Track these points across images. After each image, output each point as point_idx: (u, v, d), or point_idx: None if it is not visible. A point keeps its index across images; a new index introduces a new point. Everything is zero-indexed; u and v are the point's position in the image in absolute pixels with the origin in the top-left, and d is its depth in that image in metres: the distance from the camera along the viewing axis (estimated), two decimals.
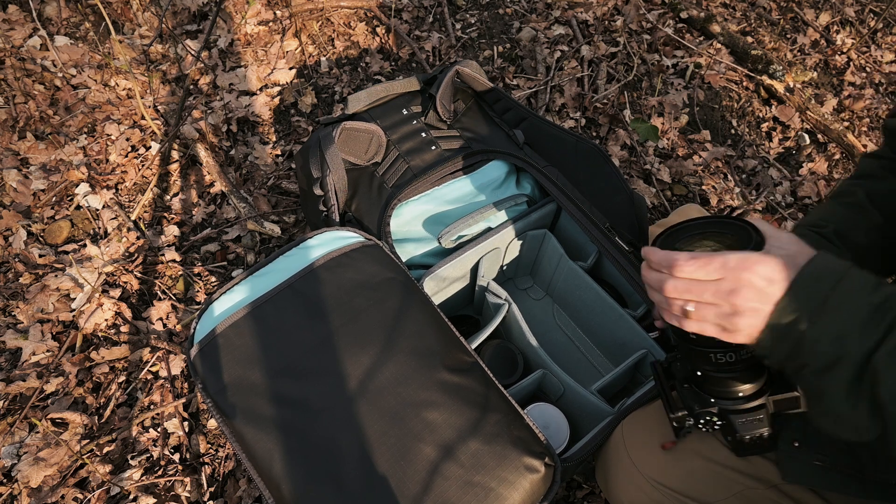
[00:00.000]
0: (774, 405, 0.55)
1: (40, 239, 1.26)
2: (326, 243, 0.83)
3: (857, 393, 0.43)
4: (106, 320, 1.15)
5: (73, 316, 1.15)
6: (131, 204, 1.33)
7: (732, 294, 0.46)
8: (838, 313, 0.43)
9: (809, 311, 0.44)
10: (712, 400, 0.56)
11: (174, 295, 1.21)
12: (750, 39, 1.73)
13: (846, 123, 1.58)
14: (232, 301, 0.78)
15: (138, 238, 1.26)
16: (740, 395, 0.54)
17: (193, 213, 1.32)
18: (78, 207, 1.31)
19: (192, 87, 1.51)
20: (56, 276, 1.19)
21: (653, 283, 0.52)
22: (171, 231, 1.29)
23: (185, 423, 1.06)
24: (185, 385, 1.11)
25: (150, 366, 1.12)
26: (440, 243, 0.95)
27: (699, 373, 0.56)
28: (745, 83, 1.65)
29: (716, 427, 0.56)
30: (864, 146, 1.50)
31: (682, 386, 0.58)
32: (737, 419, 0.55)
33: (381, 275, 0.80)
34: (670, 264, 0.49)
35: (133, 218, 1.30)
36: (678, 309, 0.50)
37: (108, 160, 1.38)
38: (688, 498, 0.62)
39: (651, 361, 0.66)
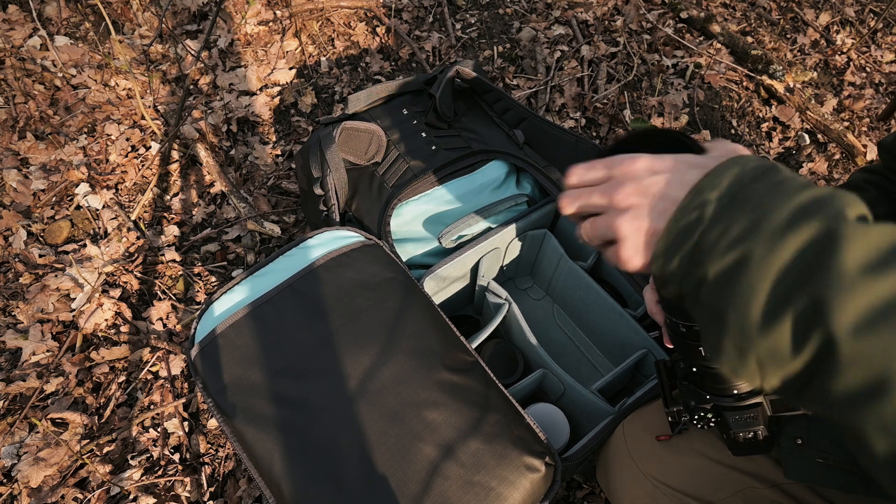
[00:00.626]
0: (771, 407, 0.56)
1: (40, 239, 1.26)
2: (326, 243, 0.83)
3: (772, 305, 0.32)
4: (106, 320, 1.15)
5: (73, 316, 1.15)
6: (131, 204, 1.33)
7: (613, 191, 0.39)
8: (751, 207, 0.33)
9: (717, 204, 0.34)
10: (708, 396, 0.56)
11: (174, 295, 1.21)
12: (750, 39, 1.74)
13: (846, 123, 1.58)
14: (232, 301, 0.78)
15: (138, 238, 1.26)
16: (735, 392, 0.55)
17: (193, 213, 1.32)
18: (78, 207, 1.31)
19: (192, 87, 1.51)
20: (56, 276, 1.19)
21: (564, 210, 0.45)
22: (171, 231, 1.29)
23: (185, 423, 1.06)
24: (185, 385, 1.11)
25: (150, 366, 1.12)
26: (440, 243, 0.95)
27: (695, 369, 0.56)
28: (745, 83, 1.65)
29: (711, 424, 0.57)
30: (864, 146, 1.50)
31: (682, 383, 0.59)
32: (731, 416, 0.56)
33: (381, 275, 0.80)
34: (567, 176, 0.43)
35: (133, 218, 1.30)
36: (581, 231, 0.43)
37: (108, 160, 1.38)
38: (689, 497, 0.62)
39: (655, 361, 0.66)
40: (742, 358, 0.33)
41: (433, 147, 1.04)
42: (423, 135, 1.05)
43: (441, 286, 0.99)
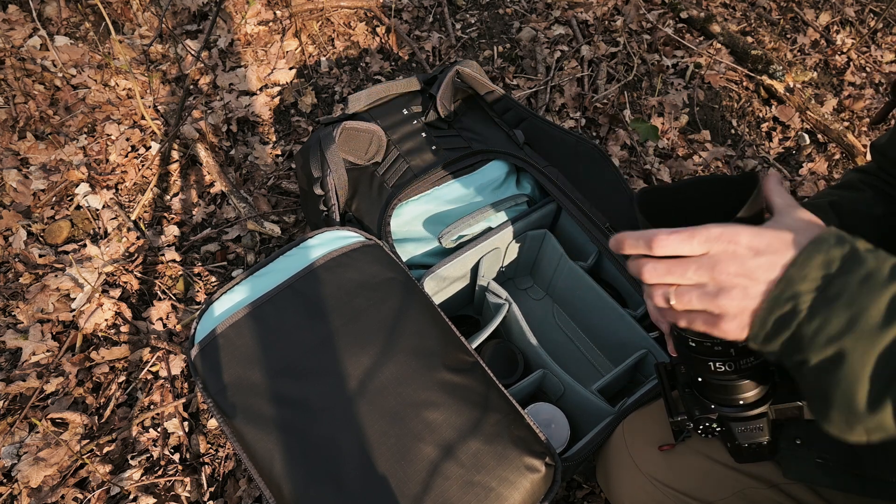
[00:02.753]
0: (776, 413, 0.53)
1: (40, 239, 1.26)
2: (327, 243, 0.83)
3: (875, 394, 0.36)
4: (106, 320, 1.15)
5: (73, 316, 1.15)
6: (131, 204, 1.33)
7: (714, 268, 0.40)
8: (846, 302, 0.37)
9: (811, 298, 0.38)
10: (712, 406, 0.54)
11: (174, 295, 1.21)
12: (750, 39, 1.74)
13: (846, 123, 1.58)
14: (232, 301, 0.78)
15: (138, 238, 1.26)
16: (741, 402, 0.53)
17: (193, 213, 1.32)
18: (78, 207, 1.31)
19: (192, 87, 1.51)
20: (56, 276, 1.19)
21: (632, 270, 0.45)
22: (171, 231, 1.29)
23: (185, 423, 1.06)
24: (185, 385, 1.11)
25: (150, 366, 1.12)
26: (440, 243, 0.95)
27: (700, 378, 0.55)
28: (745, 83, 1.65)
29: (715, 434, 0.55)
30: (864, 146, 1.50)
31: (684, 390, 0.58)
32: (736, 427, 0.54)
33: (381, 275, 0.80)
34: (648, 242, 0.42)
35: (133, 218, 1.30)
36: (661, 299, 0.43)
37: (108, 160, 1.38)
38: (689, 497, 0.62)
39: (655, 363, 0.65)
40: (850, 427, 0.38)
41: (433, 147, 1.04)
42: (423, 135, 1.05)
43: (441, 286, 0.99)
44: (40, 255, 1.22)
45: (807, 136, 1.55)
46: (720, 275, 0.40)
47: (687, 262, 0.41)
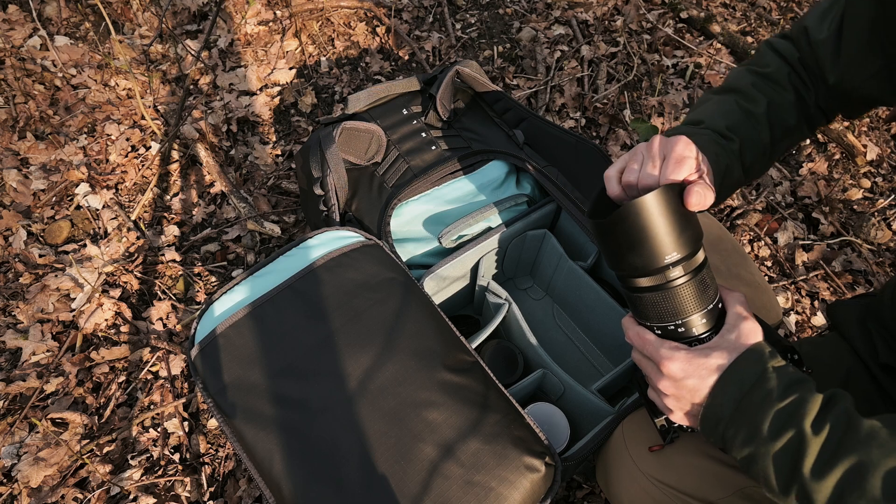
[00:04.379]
0: None
1: (40, 239, 1.26)
2: (327, 243, 0.83)
3: (783, 484, 0.47)
4: (106, 320, 1.15)
5: (73, 316, 1.15)
6: (131, 204, 1.33)
7: (658, 379, 0.54)
8: (748, 418, 0.48)
9: (729, 413, 0.49)
10: None
11: (174, 295, 1.21)
12: (750, 39, 1.74)
13: (846, 123, 1.58)
14: (232, 301, 0.78)
15: (138, 238, 1.27)
16: None
17: (193, 213, 1.32)
18: (78, 207, 1.31)
19: (192, 87, 1.51)
20: (56, 276, 1.19)
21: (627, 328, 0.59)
22: (171, 231, 1.29)
23: (185, 423, 1.06)
24: (185, 385, 1.11)
25: (150, 366, 1.12)
26: (440, 243, 0.95)
27: None
28: None
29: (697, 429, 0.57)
30: (864, 146, 1.50)
31: None
32: None
33: (381, 275, 0.80)
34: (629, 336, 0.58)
35: (133, 218, 1.30)
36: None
37: (108, 160, 1.38)
38: (689, 496, 0.62)
39: (633, 367, 0.65)
40: (780, 501, 0.49)
41: (433, 147, 1.04)
42: (423, 135, 1.05)
43: (441, 286, 0.99)
44: (40, 255, 1.22)
45: None
46: (660, 384, 0.54)
47: (647, 361, 0.56)
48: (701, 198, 0.49)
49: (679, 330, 0.54)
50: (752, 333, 0.52)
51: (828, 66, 0.64)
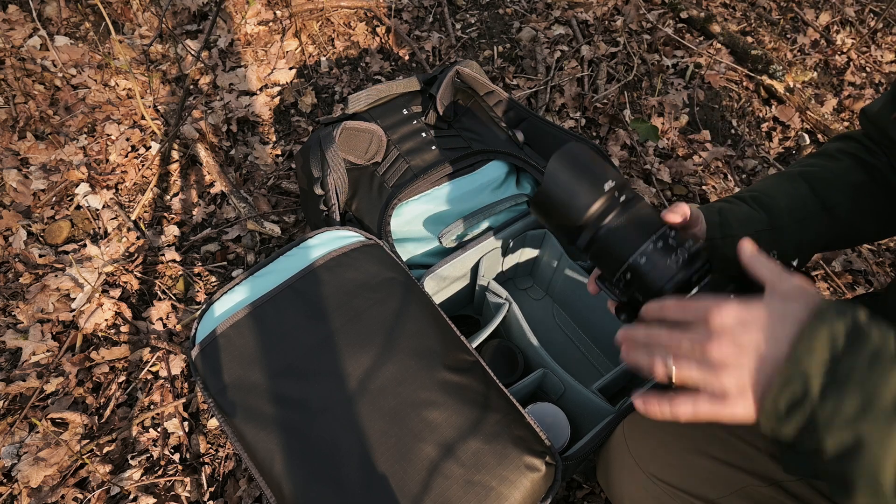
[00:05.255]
0: None
1: (40, 239, 1.26)
2: (327, 243, 0.83)
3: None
4: (106, 320, 1.15)
5: (73, 316, 1.15)
6: (131, 204, 1.33)
7: (706, 342, 0.39)
8: (857, 383, 0.36)
9: (822, 379, 0.36)
10: None
11: (174, 295, 1.21)
12: (750, 39, 1.74)
13: (846, 123, 1.58)
14: (233, 301, 0.78)
15: (138, 238, 1.26)
16: None
17: (193, 213, 1.32)
18: (78, 207, 1.31)
19: (192, 87, 1.51)
20: (56, 276, 1.19)
21: (620, 338, 0.46)
22: (171, 231, 1.29)
23: (185, 423, 1.06)
24: (185, 385, 1.11)
25: (150, 366, 1.12)
26: (440, 243, 0.95)
27: None
28: (745, 83, 1.65)
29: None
30: None
31: None
32: None
33: (381, 274, 0.80)
34: (643, 313, 0.46)
35: (133, 218, 1.30)
36: (662, 368, 0.42)
37: (108, 160, 1.38)
38: (689, 495, 0.62)
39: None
40: None
41: (433, 147, 1.04)
42: (423, 135, 1.05)
43: (441, 286, 0.99)
44: (40, 255, 1.22)
45: (807, 136, 1.55)
46: (712, 349, 0.39)
47: (681, 333, 0.41)
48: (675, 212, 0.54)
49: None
50: (807, 283, 0.41)
51: (890, 128, 0.64)
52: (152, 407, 1.08)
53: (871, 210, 0.66)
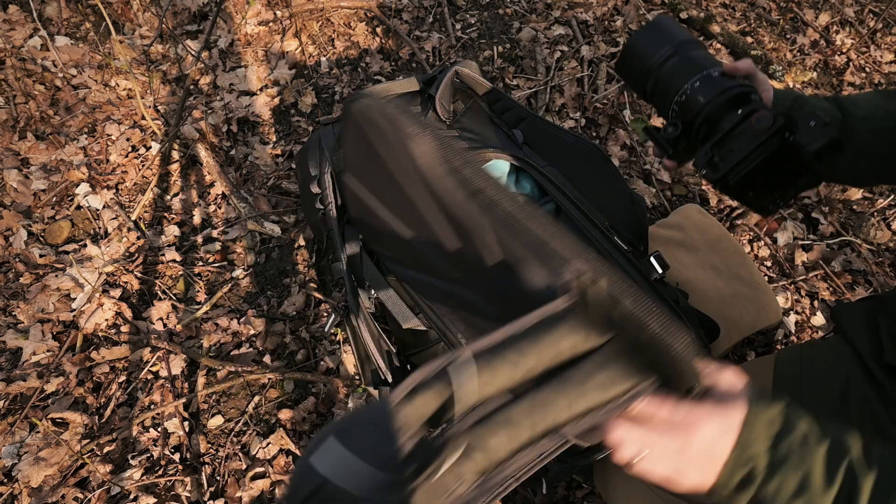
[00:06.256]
0: None
1: (41, 239, 1.26)
2: None
3: None
4: (106, 320, 1.16)
5: (74, 316, 1.16)
6: (131, 204, 1.34)
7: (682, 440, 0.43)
8: (795, 463, 0.41)
9: (766, 460, 0.41)
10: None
11: (174, 295, 1.21)
12: (750, 39, 1.74)
13: None
14: None
15: (138, 238, 1.27)
16: None
17: (193, 213, 1.33)
18: (78, 207, 1.31)
19: (192, 87, 1.51)
20: (56, 276, 1.19)
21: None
22: (172, 231, 1.29)
23: (186, 423, 1.07)
24: (186, 385, 1.12)
25: (151, 365, 1.12)
26: None
27: None
28: None
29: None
30: None
31: None
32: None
33: None
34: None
35: (133, 218, 1.30)
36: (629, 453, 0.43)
37: (108, 160, 1.39)
38: (685, 500, 0.62)
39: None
40: None
41: None
42: None
43: None
44: (41, 255, 1.23)
45: None
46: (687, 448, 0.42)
47: (659, 429, 0.42)
48: None
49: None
50: (736, 376, 0.45)
51: None
52: (152, 407, 1.08)
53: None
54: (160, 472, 1.01)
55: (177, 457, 1.03)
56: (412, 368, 0.89)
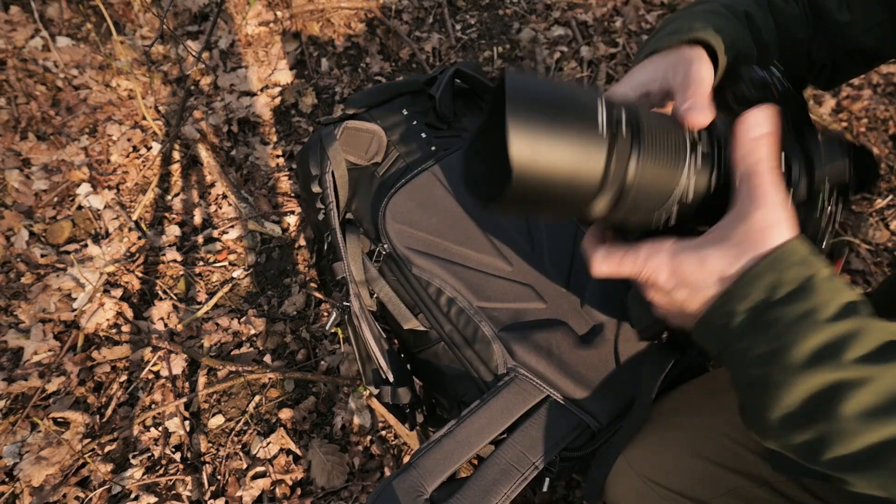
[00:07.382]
0: None
1: (42, 239, 1.27)
2: None
3: (788, 425, 0.37)
4: (107, 320, 1.16)
5: (75, 316, 1.16)
6: (132, 204, 1.34)
7: (651, 288, 0.43)
8: (773, 335, 0.36)
9: (742, 319, 0.38)
10: None
11: (175, 295, 1.22)
12: None
13: (844, 124, 1.58)
14: None
15: (139, 238, 1.27)
16: None
17: (194, 213, 1.33)
18: (79, 207, 1.32)
19: (193, 87, 1.52)
20: (57, 275, 1.19)
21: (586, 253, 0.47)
22: (172, 231, 1.29)
23: (187, 423, 1.07)
24: (187, 384, 1.12)
25: (152, 365, 1.13)
26: None
27: None
28: None
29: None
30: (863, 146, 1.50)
31: None
32: None
33: None
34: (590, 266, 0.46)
35: (134, 218, 1.30)
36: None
37: (109, 160, 1.39)
38: (682, 496, 0.63)
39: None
40: (760, 434, 0.40)
41: (433, 148, 1.04)
42: (423, 135, 1.06)
43: None
44: (42, 255, 1.23)
45: None
46: (657, 294, 0.42)
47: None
48: None
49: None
50: (776, 223, 0.37)
51: (833, 8, 0.58)
52: (153, 406, 1.08)
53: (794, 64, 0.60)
54: (161, 472, 1.02)
55: (178, 456, 1.04)
56: (413, 369, 0.89)
